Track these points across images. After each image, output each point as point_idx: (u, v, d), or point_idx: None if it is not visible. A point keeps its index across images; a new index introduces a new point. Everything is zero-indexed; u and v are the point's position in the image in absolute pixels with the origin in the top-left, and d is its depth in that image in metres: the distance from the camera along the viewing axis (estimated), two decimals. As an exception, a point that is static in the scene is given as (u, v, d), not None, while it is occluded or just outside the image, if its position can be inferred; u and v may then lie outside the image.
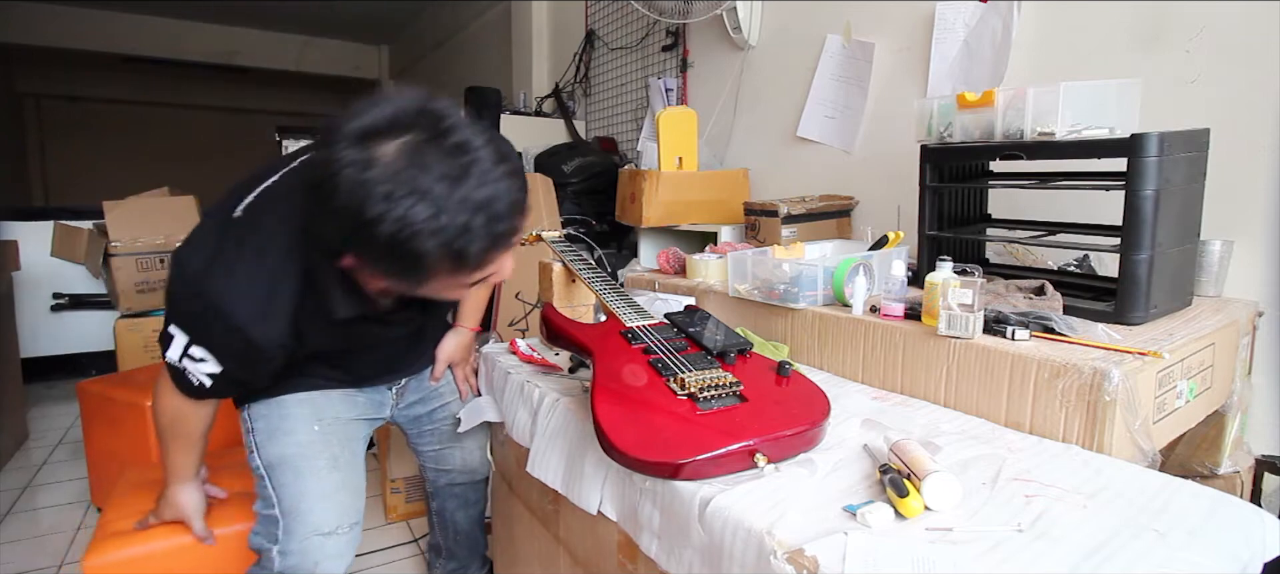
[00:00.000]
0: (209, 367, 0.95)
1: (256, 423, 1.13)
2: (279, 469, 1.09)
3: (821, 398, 0.91)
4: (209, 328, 0.93)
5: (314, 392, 1.16)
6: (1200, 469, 1.20)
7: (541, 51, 3.75)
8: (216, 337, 0.93)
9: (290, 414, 1.12)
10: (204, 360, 0.95)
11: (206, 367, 0.95)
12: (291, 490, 1.08)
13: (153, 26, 5.96)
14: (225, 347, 0.94)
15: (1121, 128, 1.11)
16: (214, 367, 0.95)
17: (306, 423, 1.13)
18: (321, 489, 1.09)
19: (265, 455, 1.11)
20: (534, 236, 1.48)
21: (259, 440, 1.11)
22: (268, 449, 1.10)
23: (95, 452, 2.06)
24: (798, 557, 0.65)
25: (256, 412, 1.13)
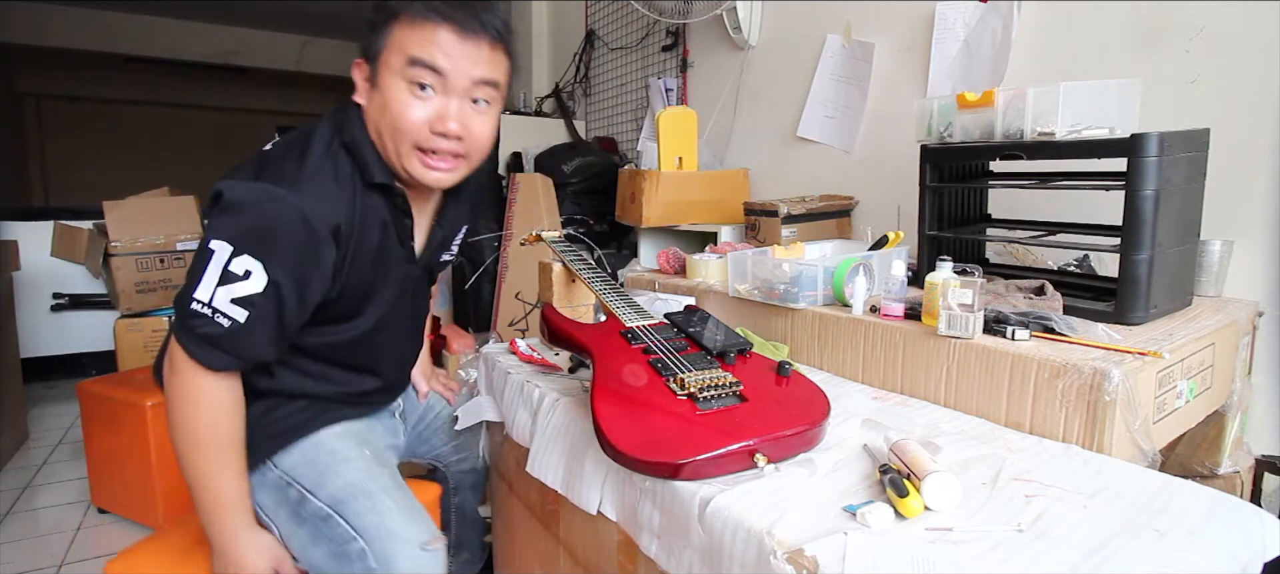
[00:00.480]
0: (253, 284, 0.87)
1: (298, 474, 1.02)
2: (349, 500, 0.98)
3: (821, 398, 0.91)
4: (262, 218, 0.87)
5: (345, 423, 1.09)
6: (1200, 469, 1.20)
7: (541, 51, 3.75)
8: (270, 226, 0.87)
9: (335, 448, 1.04)
10: (247, 276, 0.86)
11: (249, 285, 0.87)
12: (371, 515, 0.97)
13: (153, 26, 5.96)
14: (281, 237, 0.87)
15: (1121, 128, 1.11)
16: (259, 280, 0.87)
17: (356, 448, 1.05)
18: (403, 503, 1.01)
19: (325, 495, 0.99)
20: (534, 237, 1.48)
21: (310, 487, 1.00)
22: (325, 489, 1.00)
23: (95, 452, 2.06)
24: (798, 557, 0.65)
25: (291, 464, 1.03)
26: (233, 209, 0.88)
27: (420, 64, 0.91)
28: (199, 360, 0.90)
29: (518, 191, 2.71)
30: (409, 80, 0.92)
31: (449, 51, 0.92)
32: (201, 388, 0.92)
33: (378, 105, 0.95)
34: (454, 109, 0.94)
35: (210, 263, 0.87)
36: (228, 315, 0.88)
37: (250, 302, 0.88)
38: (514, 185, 2.73)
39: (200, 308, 0.88)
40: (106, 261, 3.10)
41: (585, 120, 3.38)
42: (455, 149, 0.96)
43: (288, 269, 0.89)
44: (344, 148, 0.96)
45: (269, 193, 0.89)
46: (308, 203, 0.90)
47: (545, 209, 2.64)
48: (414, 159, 0.96)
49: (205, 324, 0.88)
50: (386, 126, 0.94)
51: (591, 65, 3.31)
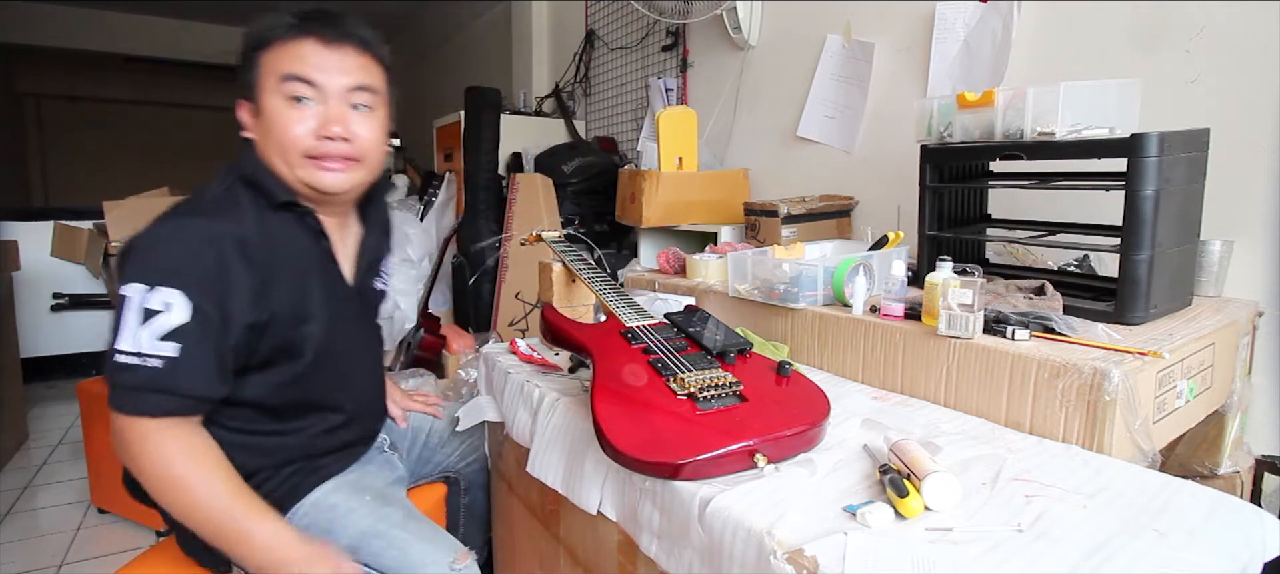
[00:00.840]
0: (176, 314, 0.83)
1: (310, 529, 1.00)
2: (363, 547, 0.97)
3: (821, 398, 0.91)
4: (169, 248, 0.86)
5: (334, 479, 1.07)
6: (1200, 469, 1.20)
7: (541, 51, 3.75)
8: (177, 253, 0.86)
9: (334, 503, 1.02)
10: (168, 308, 0.83)
11: (173, 317, 0.83)
12: (391, 552, 0.96)
13: (153, 26, 5.96)
14: (191, 260, 0.86)
15: (1121, 128, 1.11)
16: (182, 308, 0.84)
17: (356, 498, 1.04)
18: (420, 533, 1.00)
19: (343, 541, 0.98)
20: (534, 237, 1.48)
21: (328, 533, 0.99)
22: (340, 538, 0.98)
23: (95, 452, 2.06)
24: (797, 557, 0.65)
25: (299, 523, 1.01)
26: (138, 252, 0.88)
27: (293, 78, 0.94)
28: (147, 413, 0.85)
29: (518, 191, 2.71)
30: (286, 96, 0.94)
31: (317, 63, 0.94)
32: (165, 445, 0.86)
33: (264, 129, 0.96)
34: (335, 114, 0.96)
35: (127, 309, 0.84)
36: (159, 355, 0.84)
37: (180, 332, 0.84)
38: (514, 185, 2.73)
39: (128, 358, 0.83)
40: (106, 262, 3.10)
41: (585, 120, 3.38)
42: (344, 152, 0.97)
43: (205, 290, 0.87)
44: (242, 183, 0.97)
45: (171, 225, 0.89)
46: (211, 224, 0.90)
47: (545, 209, 2.64)
48: (308, 167, 0.96)
49: (138, 373, 0.83)
50: (274, 145, 0.95)
51: (591, 65, 3.31)
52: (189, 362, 0.85)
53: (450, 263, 3.11)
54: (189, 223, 0.89)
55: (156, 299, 0.84)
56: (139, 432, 0.85)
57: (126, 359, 0.83)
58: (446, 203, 3.34)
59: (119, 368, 0.84)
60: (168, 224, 0.89)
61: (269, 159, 0.97)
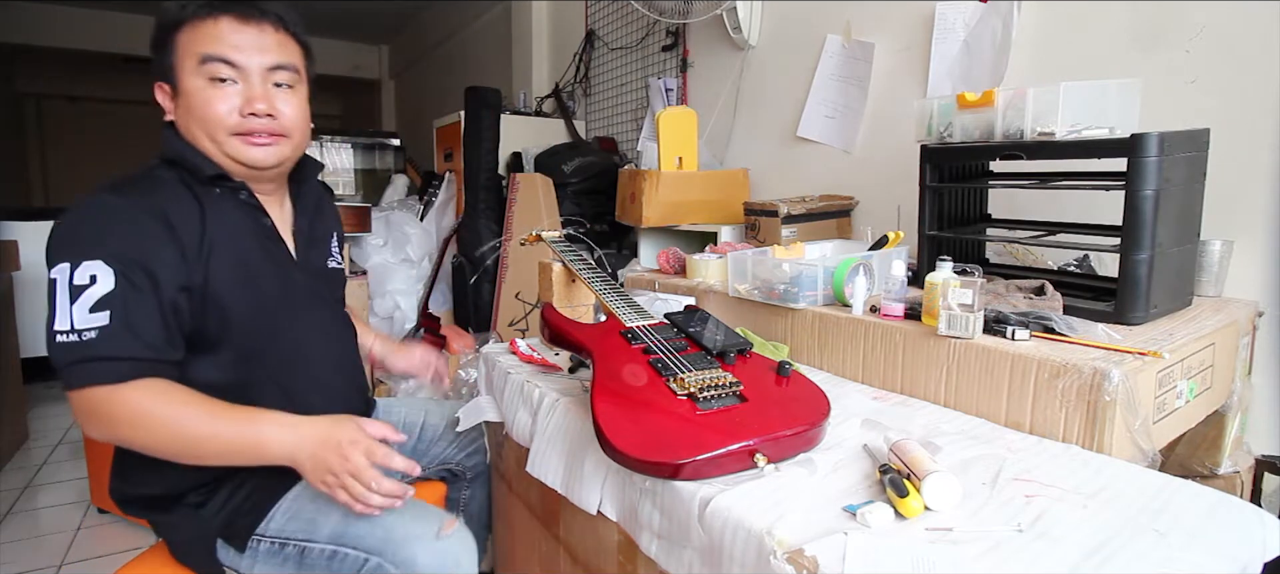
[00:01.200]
0: (102, 283, 0.84)
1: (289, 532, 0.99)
2: (348, 530, 0.96)
3: (821, 398, 0.91)
4: (84, 224, 0.87)
5: None
6: (1200, 469, 1.20)
7: (541, 51, 3.75)
8: (94, 225, 0.86)
9: (315, 495, 0.99)
10: (93, 281, 0.83)
11: (99, 287, 0.83)
12: (376, 531, 0.95)
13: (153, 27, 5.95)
14: (108, 229, 0.86)
15: (1121, 128, 1.11)
16: (106, 276, 0.84)
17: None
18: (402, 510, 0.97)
19: (324, 535, 0.97)
20: (534, 237, 1.48)
21: (305, 536, 0.98)
22: (322, 531, 0.97)
23: (95, 452, 2.06)
24: (798, 557, 0.65)
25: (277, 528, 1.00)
26: (58, 235, 0.88)
27: (212, 59, 0.94)
28: (96, 381, 0.84)
29: (518, 191, 2.71)
30: (207, 77, 0.94)
31: (235, 43, 0.94)
32: (130, 401, 0.85)
33: (185, 110, 0.96)
34: (257, 91, 0.96)
35: (56, 292, 0.84)
36: (93, 326, 0.83)
37: (108, 300, 0.84)
38: (514, 185, 2.73)
39: (66, 336, 0.83)
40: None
41: (585, 120, 3.38)
42: (269, 127, 0.98)
43: (126, 256, 0.86)
44: (164, 164, 0.97)
45: (86, 204, 0.89)
46: (124, 197, 0.90)
47: (545, 209, 2.64)
48: (235, 143, 0.97)
49: (80, 348, 0.83)
50: (197, 124, 0.95)
51: (591, 65, 3.31)
52: (123, 326, 0.85)
53: (450, 263, 3.11)
54: (103, 198, 0.90)
55: (81, 274, 0.84)
56: (99, 400, 0.85)
57: (64, 338, 0.84)
58: (446, 203, 3.34)
59: (60, 348, 0.84)
60: (83, 204, 0.90)
61: (195, 139, 0.97)
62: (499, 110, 2.98)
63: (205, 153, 0.97)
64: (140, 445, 0.87)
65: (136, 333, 0.86)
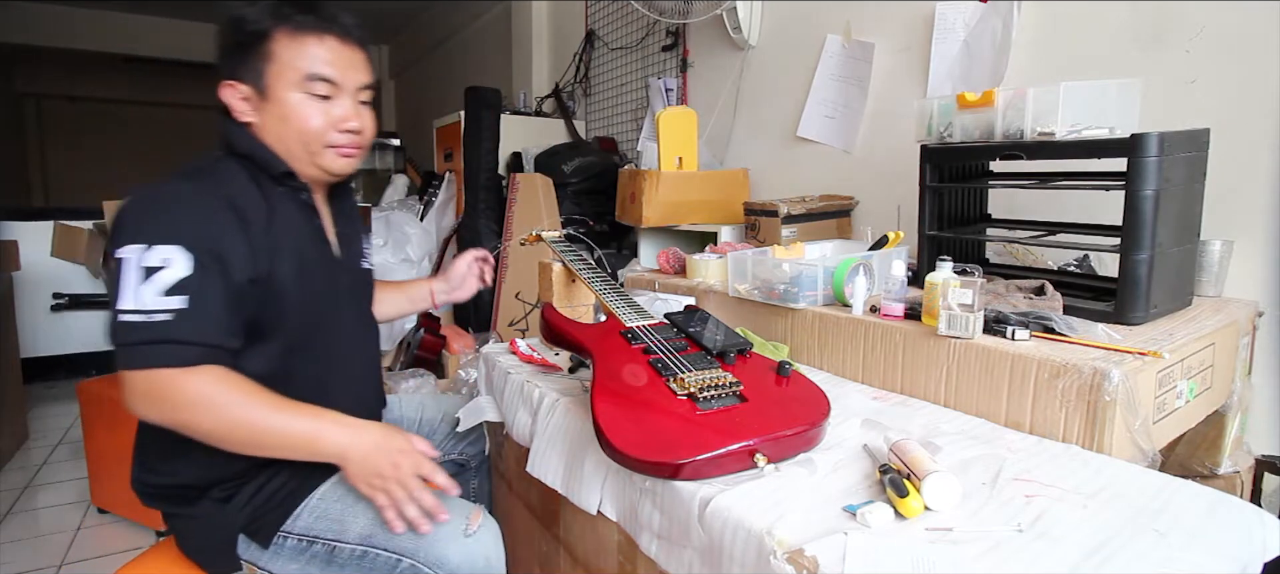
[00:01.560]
0: (177, 268, 0.84)
1: (317, 530, 0.99)
2: (377, 531, 0.96)
3: (821, 398, 0.91)
4: (160, 210, 0.88)
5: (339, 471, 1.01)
6: (1200, 469, 1.20)
7: (541, 51, 3.75)
8: (169, 212, 0.88)
9: (341, 494, 1.01)
10: (167, 264, 0.84)
11: (174, 271, 0.84)
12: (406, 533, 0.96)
13: (153, 26, 5.96)
14: (183, 216, 0.88)
15: (1121, 128, 1.11)
16: (182, 261, 0.85)
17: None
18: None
19: (354, 535, 0.97)
20: (534, 236, 1.48)
21: (334, 536, 0.98)
22: (351, 531, 0.97)
23: (95, 452, 2.06)
24: (798, 557, 0.65)
25: (304, 526, 1.00)
26: (129, 217, 0.89)
27: (318, 78, 0.99)
28: (163, 364, 0.84)
29: (518, 191, 2.71)
30: (311, 93, 0.99)
31: (337, 63, 1.00)
32: (193, 385, 0.85)
33: (277, 117, 0.99)
34: (351, 109, 1.03)
35: (126, 270, 0.84)
36: (165, 309, 0.84)
37: (183, 285, 0.85)
38: (514, 185, 2.73)
39: (133, 316, 0.83)
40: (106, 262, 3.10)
41: (585, 120, 3.38)
42: (356, 141, 1.05)
43: (202, 243, 0.87)
44: (232, 156, 1.00)
45: (159, 190, 0.92)
46: (198, 185, 0.93)
47: (545, 209, 2.64)
48: (328, 154, 1.02)
49: (147, 329, 0.83)
50: (293, 135, 1.00)
51: (591, 65, 3.31)
52: (196, 311, 0.85)
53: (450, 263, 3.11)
54: (178, 185, 0.92)
55: (155, 256, 0.85)
56: (163, 382, 0.84)
57: (132, 318, 0.83)
58: (446, 203, 3.34)
59: (126, 326, 0.83)
60: (156, 188, 0.92)
61: (281, 143, 1.00)
62: (499, 110, 2.98)
63: (291, 158, 1.01)
64: (199, 429, 0.87)
65: (209, 319, 0.87)
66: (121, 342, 0.84)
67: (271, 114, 0.99)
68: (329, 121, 1.00)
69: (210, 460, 0.93)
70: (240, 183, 0.97)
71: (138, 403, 0.86)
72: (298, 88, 0.98)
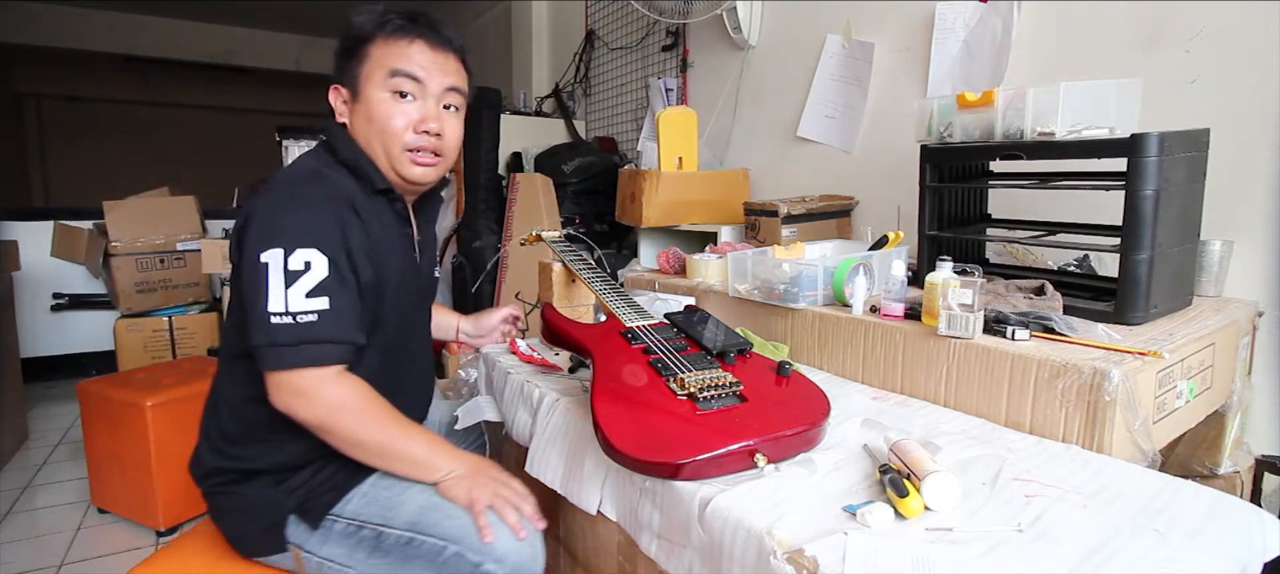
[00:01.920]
0: (317, 270, 0.90)
1: (365, 515, 1.00)
2: (424, 518, 0.97)
3: (821, 398, 0.91)
4: (298, 213, 0.92)
5: None
6: (1200, 469, 1.20)
7: (541, 51, 3.75)
8: (306, 216, 0.92)
9: (390, 483, 1.01)
10: (308, 267, 0.89)
11: (315, 274, 0.89)
12: (452, 521, 0.96)
13: (153, 26, 5.96)
14: (319, 219, 0.92)
15: (1121, 128, 1.11)
16: (321, 264, 0.90)
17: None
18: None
19: (402, 522, 0.98)
20: (534, 236, 1.48)
21: (383, 521, 0.99)
22: (400, 517, 0.98)
23: (95, 452, 2.06)
24: (798, 557, 0.65)
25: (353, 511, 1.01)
26: (264, 220, 0.92)
27: (401, 74, 1.01)
28: (313, 363, 0.90)
29: (518, 191, 2.71)
30: (391, 89, 1.01)
31: (423, 63, 1.02)
32: (340, 388, 0.91)
33: (364, 116, 1.03)
34: (432, 110, 1.04)
35: (269, 275, 0.89)
36: (311, 310, 0.89)
37: (324, 287, 0.90)
38: (514, 185, 2.73)
39: (281, 319, 0.88)
40: (106, 262, 3.10)
41: (585, 120, 3.38)
42: (435, 147, 1.05)
43: (337, 245, 0.92)
44: (343, 166, 1.03)
45: (287, 193, 0.95)
46: (324, 187, 0.97)
47: (545, 209, 2.64)
48: (405, 159, 1.04)
49: (296, 330, 0.89)
50: (376, 133, 1.02)
51: (591, 65, 3.31)
52: (337, 312, 0.91)
53: (450, 263, 3.11)
54: (304, 187, 0.96)
55: (296, 260, 0.89)
56: (311, 382, 0.90)
57: (280, 320, 0.88)
58: (446, 203, 3.33)
59: (276, 328, 0.88)
60: (283, 192, 0.95)
61: (368, 144, 1.03)
62: (499, 110, 2.98)
63: (375, 162, 1.04)
64: (336, 431, 0.92)
65: (347, 318, 0.93)
66: (274, 342, 0.89)
67: (360, 114, 1.03)
68: (408, 122, 1.02)
69: (283, 446, 0.98)
70: (352, 189, 1.00)
71: (291, 400, 0.91)
72: (382, 85, 1.01)
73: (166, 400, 1.90)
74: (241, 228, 0.95)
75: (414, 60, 1.01)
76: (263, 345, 0.89)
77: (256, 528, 1.02)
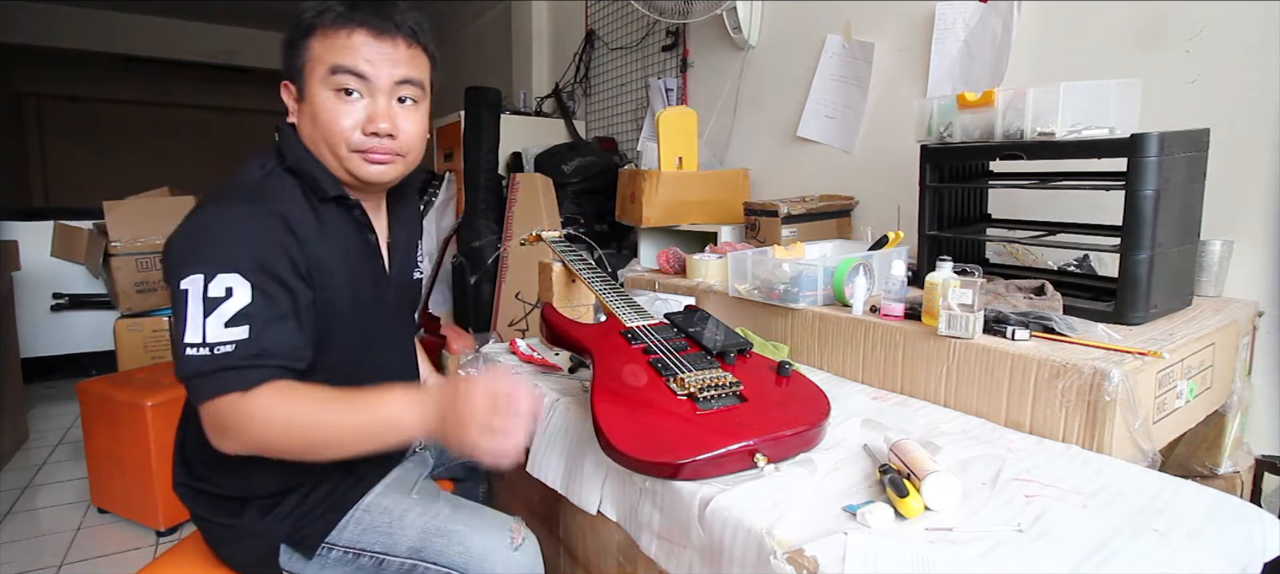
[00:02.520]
0: (238, 297, 0.83)
1: (364, 542, 0.99)
2: (426, 545, 0.96)
3: (821, 398, 0.91)
4: (215, 236, 0.85)
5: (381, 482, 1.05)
6: (1200, 469, 1.20)
7: (541, 51, 3.75)
8: (225, 238, 0.85)
9: (387, 507, 1.01)
10: (229, 294, 0.83)
11: (235, 301, 0.83)
12: (454, 546, 0.95)
13: (153, 26, 5.96)
14: (239, 241, 0.85)
15: (1121, 128, 1.11)
16: (242, 289, 0.83)
17: (405, 499, 1.03)
18: (474, 521, 0.99)
19: (403, 549, 0.97)
20: (534, 237, 1.48)
21: (383, 549, 0.97)
22: (400, 544, 0.97)
23: (95, 452, 2.06)
24: (798, 557, 0.65)
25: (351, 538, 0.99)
26: (186, 244, 0.86)
27: (342, 70, 0.92)
28: (235, 388, 0.82)
29: (518, 191, 2.71)
30: (334, 88, 0.93)
31: (367, 55, 0.93)
32: (264, 406, 0.83)
33: (309, 117, 0.95)
34: (382, 108, 0.94)
35: (187, 303, 0.82)
36: (228, 341, 0.82)
37: (245, 314, 0.83)
38: (514, 185, 2.73)
39: (196, 350, 0.82)
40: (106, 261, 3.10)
41: (585, 120, 3.38)
42: (388, 147, 0.96)
43: (263, 267, 0.86)
44: (288, 171, 0.95)
45: (213, 213, 0.89)
46: (252, 207, 0.89)
47: (545, 209, 2.64)
48: (355, 159, 0.95)
49: (212, 360, 0.82)
50: (320, 136, 0.94)
51: (591, 65, 3.31)
52: (258, 338, 0.84)
53: (450, 263, 3.11)
54: (232, 208, 0.89)
55: (215, 287, 0.83)
56: (228, 409, 0.83)
57: (195, 352, 0.82)
58: (446, 203, 3.34)
59: (191, 362, 0.82)
60: (209, 212, 0.88)
61: (315, 147, 0.96)
62: (499, 110, 2.97)
63: (325, 165, 0.96)
64: (276, 446, 0.85)
65: (272, 345, 0.85)
66: (187, 375, 0.83)
67: (305, 114, 0.95)
68: (355, 122, 0.93)
69: (251, 474, 0.93)
70: (292, 199, 0.93)
71: (214, 436, 0.85)
72: (324, 83, 0.92)
73: (166, 400, 1.90)
74: (165, 249, 0.88)
75: (357, 53, 0.92)
76: (182, 377, 0.83)
77: (248, 558, 1.00)
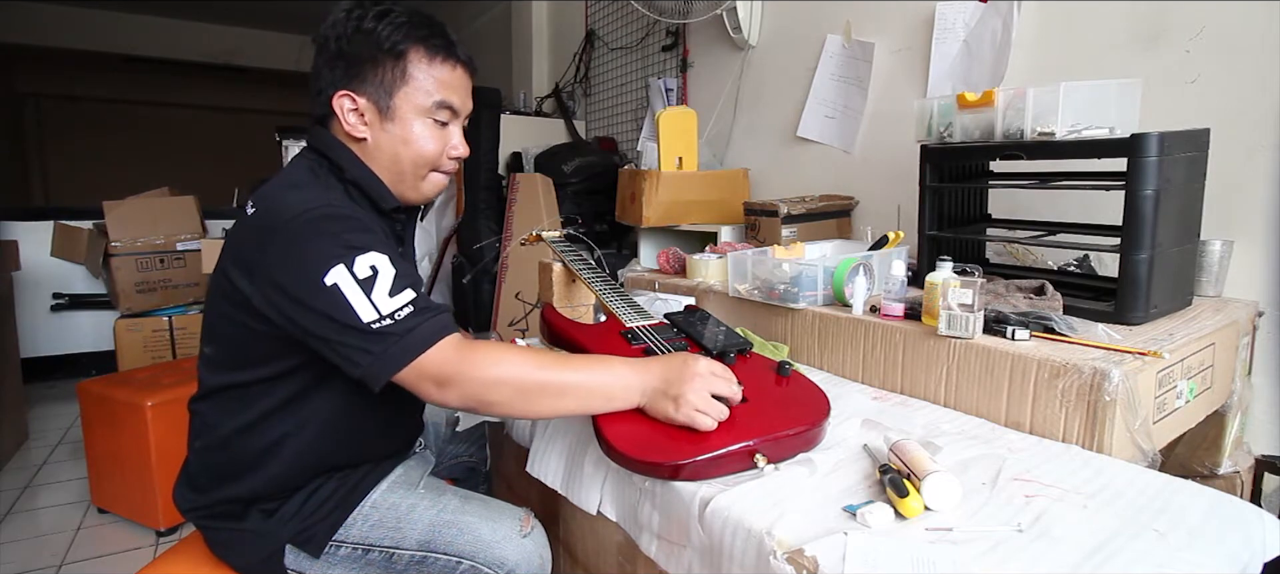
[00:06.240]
0: (385, 270, 0.84)
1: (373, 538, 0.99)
2: (435, 536, 0.98)
3: (821, 398, 0.91)
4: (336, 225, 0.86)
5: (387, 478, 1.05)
6: (1200, 469, 1.20)
7: (541, 51, 3.75)
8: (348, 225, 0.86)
9: (395, 502, 1.02)
10: (375, 270, 0.84)
11: (384, 275, 0.84)
12: (464, 536, 0.97)
13: (153, 26, 5.96)
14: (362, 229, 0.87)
15: (1121, 128, 1.11)
16: (385, 264, 0.85)
17: (412, 493, 1.04)
18: (481, 512, 1.00)
19: (412, 541, 0.98)
20: (534, 236, 1.48)
21: (392, 543, 0.99)
22: (410, 537, 0.98)
23: (95, 452, 2.06)
24: (798, 557, 0.65)
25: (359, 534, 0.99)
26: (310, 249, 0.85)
27: (448, 106, 0.98)
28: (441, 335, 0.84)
29: (518, 191, 2.71)
30: (435, 118, 0.97)
31: (462, 91, 1.00)
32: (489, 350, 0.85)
33: (398, 139, 0.96)
34: (459, 135, 1.02)
35: (344, 293, 0.82)
36: (403, 303, 0.84)
37: (400, 281, 0.85)
38: (514, 185, 2.73)
39: (381, 323, 0.82)
40: (106, 261, 3.10)
41: (585, 120, 3.38)
42: (455, 167, 1.04)
43: (381, 240, 0.89)
44: (342, 180, 0.97)
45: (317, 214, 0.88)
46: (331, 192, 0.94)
47: (545, 209, 2.64)
48: (432, 177, 1.01)
49: (403, 323, 0.83)
50: (408, 159, 0.97)
51: (591, 65, 3.31)
52: (423, 295, 0.87)
53: (450, 263, 3.11)
54: (330, 206, 0.88)
55: (361, 267, 0.83)
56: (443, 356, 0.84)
57: (382, 325, 0.82)
58: (446, 203, 3.34)
59: (381, 335, 0.82)
60: (314, 214, 0.87)
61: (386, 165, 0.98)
62: (499, 110, 2.98)
63: (384, 182, 0.99)
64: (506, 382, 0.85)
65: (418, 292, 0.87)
66: (380, 350, 0.82)
67: (392, 135, 0.96)
68: (442, 148, 0.99)
69: (257, 476, 0.94)
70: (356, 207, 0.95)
71: (435, 391, 0.85)
72: (426, 114, 0.96)
73: (166, 400, 1.90)
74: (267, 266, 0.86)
75: (460, 90, 0.99)
76: (376, 354, 0.82)
77: (253, 560, 1.00)
